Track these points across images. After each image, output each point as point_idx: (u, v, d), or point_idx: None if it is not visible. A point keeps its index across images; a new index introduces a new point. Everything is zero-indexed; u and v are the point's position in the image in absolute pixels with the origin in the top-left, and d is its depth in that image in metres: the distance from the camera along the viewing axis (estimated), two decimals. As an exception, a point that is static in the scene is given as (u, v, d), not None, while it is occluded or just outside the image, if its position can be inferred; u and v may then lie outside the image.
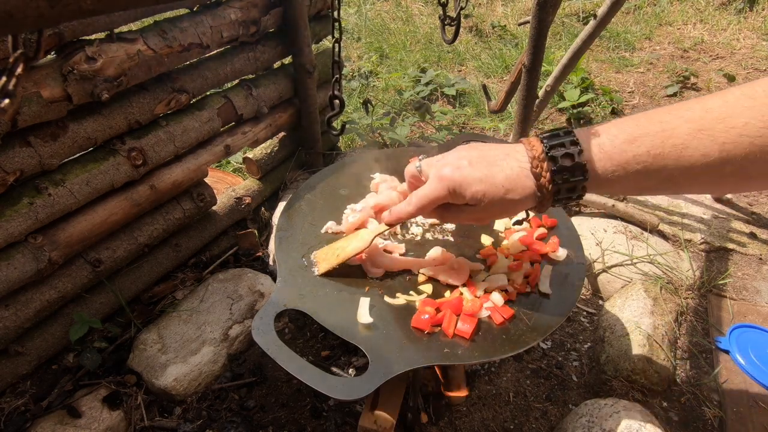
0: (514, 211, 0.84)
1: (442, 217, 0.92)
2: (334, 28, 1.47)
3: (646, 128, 0.72)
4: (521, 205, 0.81)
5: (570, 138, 0.76)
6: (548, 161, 0.76)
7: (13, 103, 0.41)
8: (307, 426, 1.40)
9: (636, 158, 0.71)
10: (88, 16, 0.34)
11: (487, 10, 4.51)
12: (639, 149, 0.71)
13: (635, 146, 0.72)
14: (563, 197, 0.78)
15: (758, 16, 4.06)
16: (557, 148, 0.75)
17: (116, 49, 1.32)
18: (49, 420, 1.31)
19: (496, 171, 0.79)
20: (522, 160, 0.79)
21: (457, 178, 0.82)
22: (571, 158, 0.74)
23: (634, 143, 0.72)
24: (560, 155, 0.75)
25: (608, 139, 0.74)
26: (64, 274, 1.42)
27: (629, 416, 1.23)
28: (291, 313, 1.41)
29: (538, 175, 0.77)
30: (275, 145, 2.13)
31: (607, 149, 0.74)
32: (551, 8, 1.64)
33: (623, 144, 0.73)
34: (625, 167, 0.73)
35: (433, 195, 0.86)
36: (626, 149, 0.72)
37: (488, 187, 0.79)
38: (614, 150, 0.73)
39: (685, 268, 1.80)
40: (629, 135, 0.73)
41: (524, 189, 0.78)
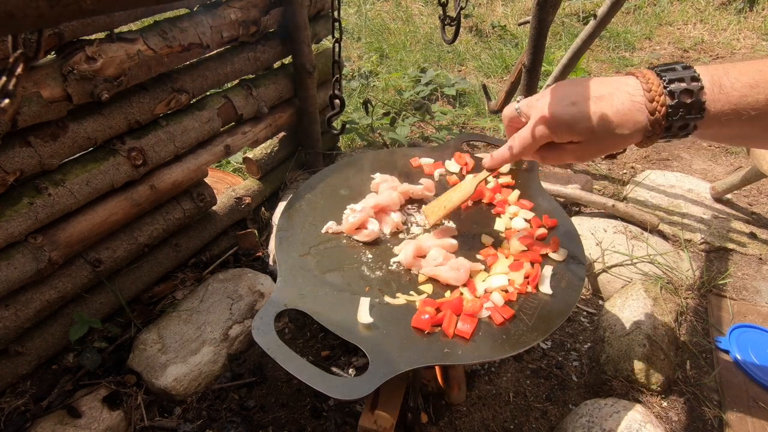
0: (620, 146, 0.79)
1: (544, 158, 0.88)
2: (334, 28, 1.47)
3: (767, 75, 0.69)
4: (629, 140, 0.76)
5: (690, 73, 0.72)
6: (666, 95, 0.71)
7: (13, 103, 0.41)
8: (307, 426, 1.40)
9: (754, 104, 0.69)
10: (88, 16, 0.34)
11: (487, 10, 4.51)
12: (759, 95, 0.69)
13: (755, 92, 0.69)
14: (673, 133, 0.74)
15: (758, 16, 4.06)
16: (676, 82, 0.71)
17: (116, 49, 1.32)
18: (49, 420, 1.31)
19: (604, 106, 0.75)
20: (634, 94, 0.74)
21: (562, 116, 0.78)
22: (691, 94, 0.70)
23: (755, 88, 0.69)
24: (679, 90, 0.71)
25: (729, 81, 0.71)
26: (64, 274, 1.42)
27: (629, 416, 1.23)
28: (291, 313, 1.41)
29: (653, 109, 0.72)
30: (275, 145, 2.13)
31: (727, 91, 0.70)
32: (551, 8, 1.64)
33: (744, 88, 0.69)
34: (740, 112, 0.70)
35: (537, 135, 0.82)
36: (747, 93, 0.69)
37: (596, 123, 0.75)
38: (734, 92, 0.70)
39: (685, 268, 1.80)
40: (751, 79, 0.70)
41: (635, 124, 0.73)
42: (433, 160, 1.46)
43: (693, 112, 0.71)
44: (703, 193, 2.19)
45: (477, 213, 1.30)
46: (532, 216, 1.25)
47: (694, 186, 2.22)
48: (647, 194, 2.20)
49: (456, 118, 3.00)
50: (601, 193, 2.24)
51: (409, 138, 2.65)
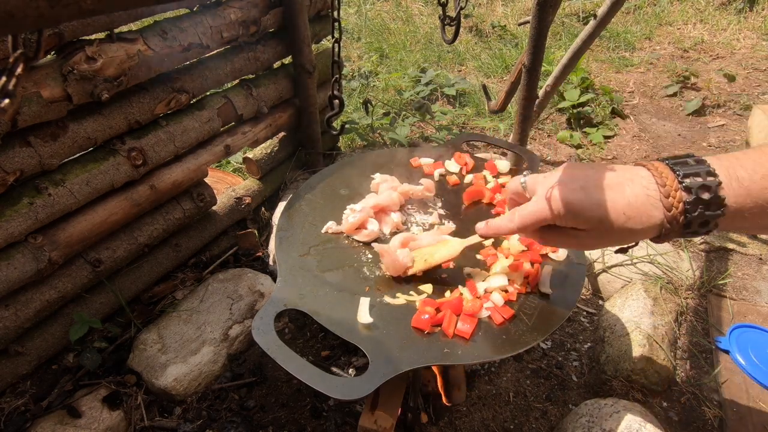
0: (629, 240, 0.76)
1: (545, 240, 0.84)
2: (333, 28, 1.47)
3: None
4: (641, 235, 0.72)
5: (705, 168, 0.69)
6: (683, 191, 0.68)
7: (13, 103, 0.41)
8: (307, 426, 1.40)
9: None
10: (88, 16, 0.34)
11: (487, 10, 4.51)
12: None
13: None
14: (693, 230, 0.70)
15: (758, 16, 4.06)
16: (692, 177, 0.68)
17: (116, 49, 1.32)
18: (49, 420, 1.31)
19: (616, 196, 0.71)
20: (649, 187, 0.70)
21: (571, 200, 0.74)
22: (708, 190, 0.67)
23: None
24: (696, 186, 0.67)
25: (746, 173, 0.68)
26: (64, 274, 1.42)
27: (629, 416, 1.23)
28: (291, 313, 1.41)
29: (669, 205, 0.69)
30: (275, 145, 2.13)
31: (746, 184, 0.67)
32: (551, 8, 1.64)
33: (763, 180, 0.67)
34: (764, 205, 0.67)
35: (540, 216, 0.78)
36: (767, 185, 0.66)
37: (606, 213, 0.71)
38: (754, 185, 0.67)
39: (685, 268, 1.80)
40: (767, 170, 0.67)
41: (649, 218, 0.70)
42: (433, 160, 1.46)
43: (713, 208, 0.67)
44: (703, 193, 2.18)
45: (477, 213, 1.30)
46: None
47: (694, 186, 2.22)
48: (647, 194, 2.19)
49: (456, 118, 3.00)
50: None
51: (409, 138, 2.65)
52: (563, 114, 3.01)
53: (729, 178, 0.68)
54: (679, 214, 0.68)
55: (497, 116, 2.86)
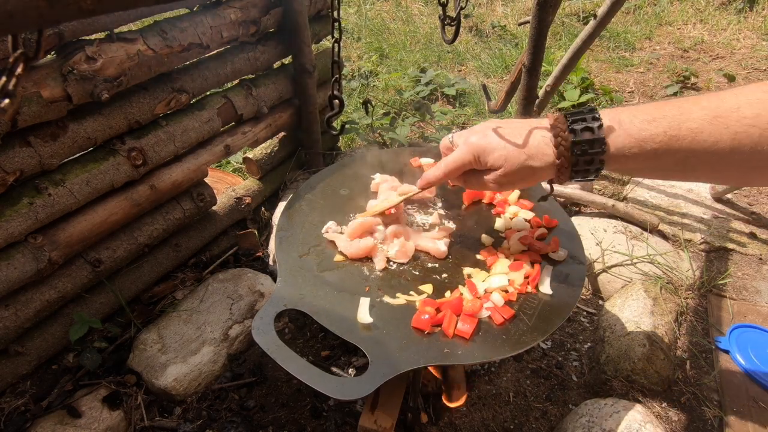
0: (534, 178, 0.89)
1: (467, 183, 0.98)
2: (333, 28, 1.47)
3: (665, 111, 0.77)
4: (541, 173, 0.86)
5: (592, 114, 0.81)
6: (569, 132, 0.81)
7: (13, 103, 0.41)
8: (307, 426, 1.40)
9: (653, 137, 0.76)
10: (88, 16, 0.34)
11: (487, 10, 4.51)
12: (656, 129, 0.76)
13: (653, 126, 0.76)
14: (581, 169, 0.83)
15: (758, 16, 4.06)
16: (578, 122, 0.81)
17: (116, 49, 1.31)
18: (49, 420, 1.31)
19: (518, 139, 0.86)
20: (544, 133, 0.85)
21: (482, 143, 0.90)
22: (591, 131, 0.79)
23: (652, 123, 0.76)
24: (580, 128, 0.80)
25: (628, 117, 0.79)
26: (64, 274, 1.42)
27: (629, 416, 1.23)
28: (291, 313, 1.41)
29: (558, 143, 0.82)
30: (275, 145, 2.13)
31: (626, 126, 0.78)
32: (551, 8, 1.64)
33: (642, 123, 0.77)
34: (642, 145, 0.77)
35: (460, 160, 0.94)
36: (644, 128, 0.77)
37: (510, 152, 0.86)
38: (633, 127, 0.78)
39: (685, 268, 1.80)
40: (649, 115, 0.77)
41: (544, 156, 0.84)
42: (433, 160, 1.46)
43: (595, 146, 0.80)
44: (703, 193, 2.19)
45: (477, 213, 1.30)
46: (532, 216, 1.25)
47: (694, 186, 2.22)
48: (647, 194, 2.20)
49: (456, 118, 3.00)
50: (601, 193, 2.24)
51: (409, 138, 2.65)
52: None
53: (612, 122, 0.80)
54: (566, 151, 0.82)
55: (497, 116, 2.86)
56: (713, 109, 0.74)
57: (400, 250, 1.12)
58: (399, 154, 1.50)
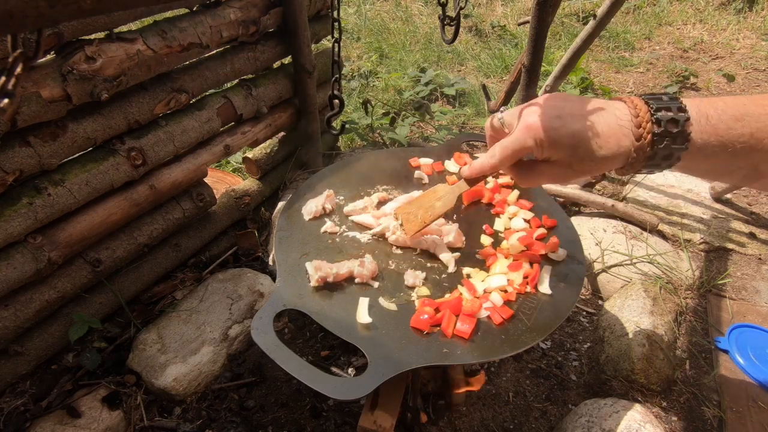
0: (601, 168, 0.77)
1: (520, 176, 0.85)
2: (333, 28, 1.47)
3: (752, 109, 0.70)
4: (611, 162, 0.74)
5: (677, 104, 0.72)
6: (652, 123, 0.71)
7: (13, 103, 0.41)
8: (306, 426, 1.40)
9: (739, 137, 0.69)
10: (88, 16, 0.34)
11: (486, 10, 4.51)
12: (744, 129, 0.69)
13: (741, 125, 0.69)
14: (656, 163, 0.73)
15: (758, 16, 4.07)
16: (663, 111, 0.71)
17: (116, 48, 1.31)
18: (48, 420, 1.31)
19: (590, 125, 0.74)
20: (622, 117, 0.73)
21: (546, 127, 0.76)
22: (677, 124, 0.70)
23: (740, 121, 0.69)
24: (666, 119, 0.70)
25: (716, 112, 0.71)
26: (63, 274, 1.42)
27: (629, 416, 1.23)
28: (291, 313, 1.41)
29: (639, 135, 0.72)
30: (275, 145, 2.13)
31: (714, 122, 0.70)
32: (551, 8, 1.64)
33: (730, 120, 0.70)
34: (726, 145, 0.70)
35: (519, 145, 0.80)
36: (733, 126, 0.69)
37: (580, 140, 0.74)
38: (721, 125, 0.70)
39: (684, 268, 1.81)
40: (737, 112, 0.70)
41: (619, 147, 0.73)
42: (432, 160, 1.46)
43: (678, 141, 0.71)
44: (702, 193, 2.19)
45: (476, 213, 1.30)
46: (532, 216, 1.26)
47: (694, 186, 2.22)
48: (647, 194, 2.20)
49: (456, 118, 3.00)
50: (601, 193, 2.24)
51: (408, 138, 2.65)
52: (563, 114, 3.01)
53: (698, 115, 0.70)
54: (646, 144, 0.71)
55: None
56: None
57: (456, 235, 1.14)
58: (398, 154, 1.50)
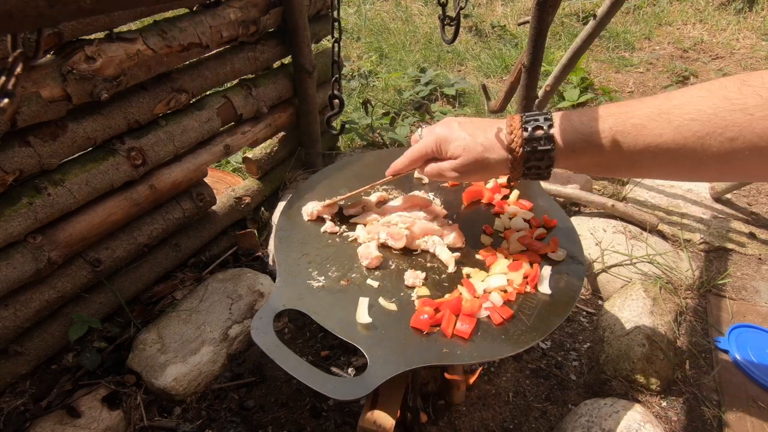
0: (489, 171, 0.96)
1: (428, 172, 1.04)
2: (333, 28, 1.47)
3: (612, 109, 0.83)
4: (496, 166, 0.94)
5: (544, 116, 0.89)
6: (521, 130, 0.89)
7: (13, 103, 0.41)
8: (306, 426, 1.40)
9: (599, 132, 0.82)
10: (88, 15, 0.34)
11: (486, 10, 4.51)
12: (603, 125, 0.82)
13: (599, 122, 0.82)
14: (533, 165, 0.90)
15: (758, 16, 4.07)
16: (532, 122, 0.88)
17: (116, 48, 1.31)
18: (48, 420, 1.31)
19: (478, 133, 0.94)
20: (502, 130, 0.93)
21: (444, 133, 0.98)
22: (541, 129, 0.87)
23: (599, 120, 0.83)
24: (532, 127, 0.88)
25: (577, 116, 0.86)
26: (63, 273, 1.42)
27: (628, 416, 1.23)
28: (291, 313, 1.41)
29: (511, 140, 0.89)
30: (275, 145, 2.13)
31: (575, 124, 0.85)
32: (551, 8, 1.64)
33: (590, 120, 0.84)
34: (589, 140, 0.83)
35: (423, 148, 1.02)
36: (591, 124, 0.83)
37: (468, 144, 0.94)
38: (581, 125, 0.84)
39: (684, 268, 1.81)
40: (596, 114, 0.83)
41: (499, 151, 0.92)
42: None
43: (544, 143, 0.87)
44: (702, 193, 2.19)
45: (476, 213, 1.30)
46: (532, 216, 1.25)
47: (694, 186, 2.23)
48: (646, 194, 2.20)
49: (456, 118, 2.99)
50: (601, 193, 2.24)
51: (408, 138, 2.65)
52: (563, 114, 3.01)
53: (562, 121, 0.87)
54: (518, 147, 0.89)
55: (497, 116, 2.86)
56: (659, 106, 0.77)
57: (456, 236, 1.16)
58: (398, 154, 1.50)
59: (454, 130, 0.97)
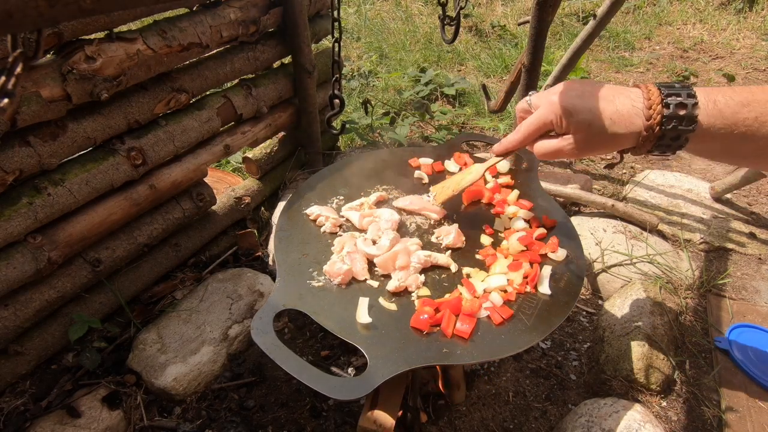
0: (613, 145, 0.85)
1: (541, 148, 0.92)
2: (333, 28, 1.47)
3: (759, 96, 0.76)
4: (623, 140, 0.83)
5: (687, 90, 0.79)
6: (663, 106, 0.79)
7: (13, 103, 0.41)
8: (306, 426, 1.40)
9: (745, 121, 0.76)
10: (88, 15, 0.34)
11: (486, 10, 4.51)
12: (750, 113, 0.75)
13: (747, 110, 0.76)
14: (665, 144, 0.81)
15: (758, 16, 4.07)
16: (673, 96, 0.78)
17: (116, 48, 1.31)
18: (48, 420, 1.31)
19: (605, 104, 0.82)
20: (635, 100, 0.82)
21: (566, 104, 0.85)
22: (685, 108, 0.78)
23: (747, 107, 0.76)
24: (675, 103, 0.78)
25: (723, 98, 0.78)
26: (63, 273, 1.42)
27: (628, 416, 1.23)
28: (291, 312, 1.41)
29: (649, 116, 0.79)
30: (275, 145, 2.13)
31: (720, 107, 0.77)
32: (551, 8, 1.64)
33: (737, 105, 0.76)
34: (732, 128, 0.76)
35: (541, 120, 0.89)
36: (738, 111, 0.76)
37: (595, 117, 0.82)
38: (728, 109, 0.77)
39: (684, 268, 1.81)
40: (744, 98, 0.76)
41: (630, 125, 0.81)
42: (432, 160, 1.46)
43: (685, 123, 0.78)
44: (702, 193, 2.19)
45: (476, 213, 1.30)
46: (532, 216, 1.26)
47: (694, 186, 2.23)
48: (647, 194, 2.20)
49: (456, 118, 3.00)
50: (601, 193, 2.24)
51: (408, 138, 2.65)
52: (563, 114, 3.01)
53: (706, 100, 0.78)
54: (656, 124, 0.79)
55: (497, 116, 2.86)
56: None
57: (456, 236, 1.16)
58: (398, 154, 1.50)
59: (575, 100, 0.85)
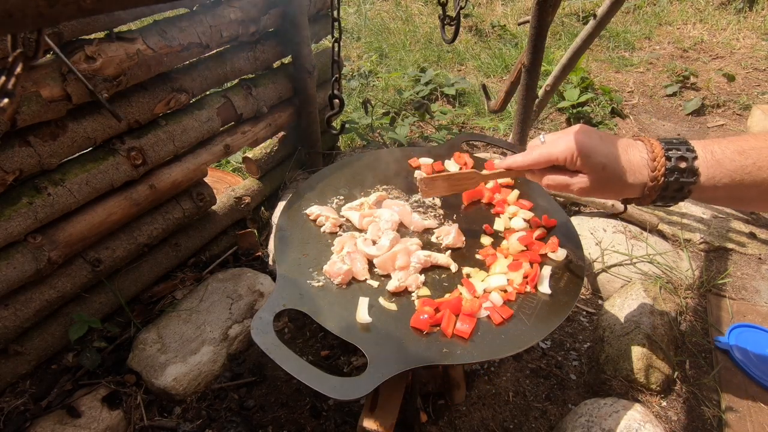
0: (621, 191, 0.90)
1: (547, 181, 0.96)
2: (333, 28, 1.47)
3: (754, 143, 0.81)
4: (630, 190, 0.89)
5: (686, 146, 0.85)
6: (665, 159, 0.85)
7: (13, 103, 0.41)
8: (306, 426, 1.40)
9: (743, 168, 0.81)
10: (88, 15, 0.34)
11: (486, 10, 4.51)
12: (747, 160, 0.80)
13: (743, 157, 0.81)
14: (668, 195, 0.87)
15: (758, 15, 4.07)
16: (674, 150, 0.85)
17: (116, 48, 1.31)
18: (48, 420, 1.31)
19: (621, 152, 0.88)
20: (642, 152, 0.88)
21: (586, 143, 0.89)
22: (686, 161, 0.84)
23: (743, 154, 0.81)
24: (676, 156, 0.84)
25: (720, 148, 0.83)
26: (63, 273, 1.42)
27: (628, 416, 1.23)
28: (291, 312, 1.41)
29: (654, 167, 0.86)
30: (275, 145, 2.12)
31: (718, 157, 0.83)
32: (551, 8, 1.64)
33: (733, 154, 0.82)
34: (732, 176, 0.82)
35: (552, 154, 0.93)
36: (735, 159, 0.81)
37: (611, 162, 0.88)
38: (725, 158, 0.82)
39: (684, 268, 1.80)
40: (739, 147, 0.82)
41: (639, 176, 0.87)
42: (432, 160, 1.46)
43: (687, 175, 0.84)
44: (702, 193, 2.18)
45: (477, 213, 1.30)
46: (532, 216, 1.26)
47: (694, 186, 2.22)
48: (647, 194, 2.19)
49: (456, 118, 2.99)
50: (601, 193, 2.23)
51: (408, 138, 2.65)
52: (563, 114, 3.01)
53: (704, 152, 0.84)
54: (660, 176, 0.85)
55: (497, 116, 2.86)
56: None
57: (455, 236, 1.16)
58: (398, 154, 1.50)
59: (596, 141, 0.89)
